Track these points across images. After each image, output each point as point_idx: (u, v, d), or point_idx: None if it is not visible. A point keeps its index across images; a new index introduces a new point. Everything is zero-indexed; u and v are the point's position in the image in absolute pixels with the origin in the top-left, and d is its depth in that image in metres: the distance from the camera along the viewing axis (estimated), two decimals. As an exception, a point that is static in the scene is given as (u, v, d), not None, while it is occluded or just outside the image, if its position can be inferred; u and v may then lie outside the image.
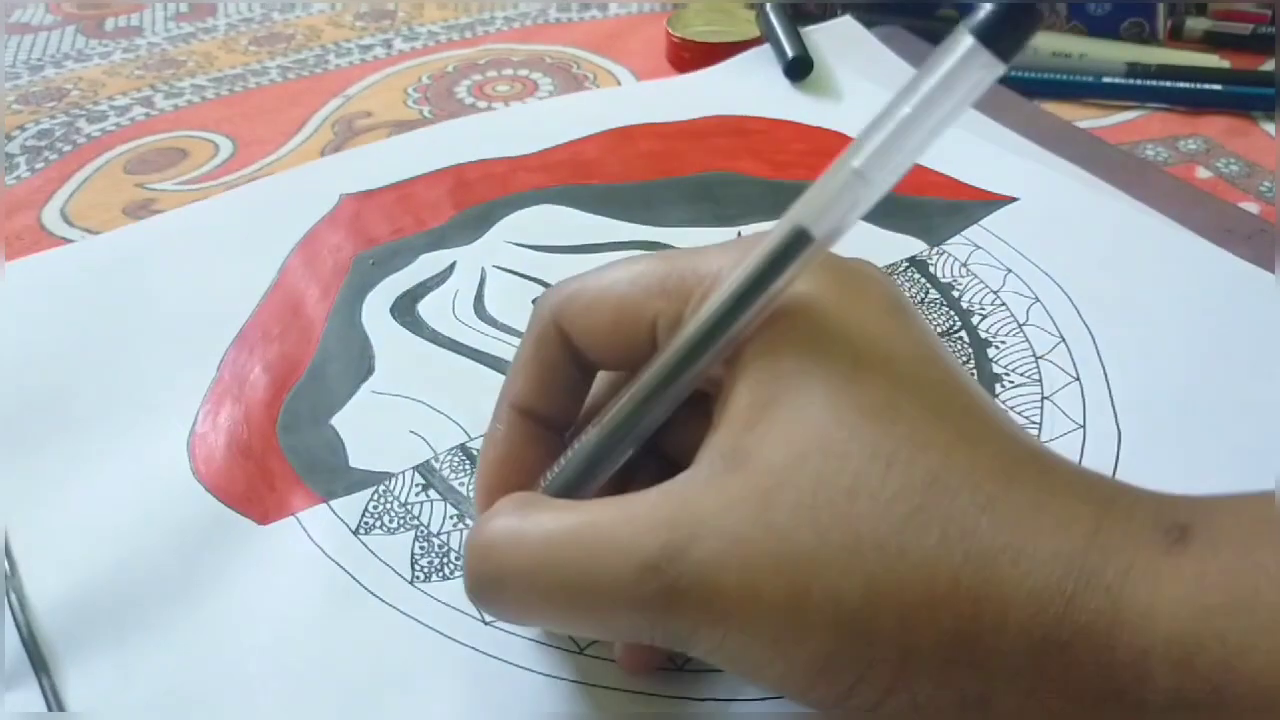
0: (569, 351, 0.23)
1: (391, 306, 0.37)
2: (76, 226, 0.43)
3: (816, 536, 0.17)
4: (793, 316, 0.20)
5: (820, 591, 0.17)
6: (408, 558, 0.28)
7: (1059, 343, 0.34)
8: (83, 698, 0.25)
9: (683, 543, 0.18)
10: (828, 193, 0.19)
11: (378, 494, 0.29)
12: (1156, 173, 0.44)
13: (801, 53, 0.50)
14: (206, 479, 0.30)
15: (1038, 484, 0.18)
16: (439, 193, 0.43)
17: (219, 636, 0.26)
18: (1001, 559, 0.17)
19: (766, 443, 0.19)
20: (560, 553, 0.19)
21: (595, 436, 0.22)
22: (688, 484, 0.19)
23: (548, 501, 0.21)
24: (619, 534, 0.19)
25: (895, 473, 0.18)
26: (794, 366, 0.19)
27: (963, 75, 0.18)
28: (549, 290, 0.24)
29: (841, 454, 0.18)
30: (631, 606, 0.19)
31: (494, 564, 0.20)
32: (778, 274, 0.19)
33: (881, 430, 0.18)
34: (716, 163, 0.44)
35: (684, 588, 0.18)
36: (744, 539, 0.18)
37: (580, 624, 0.21)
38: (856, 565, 0.17)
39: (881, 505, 0.17)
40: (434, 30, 0.61)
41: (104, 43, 0.61)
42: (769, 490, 0.18)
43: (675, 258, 0.22)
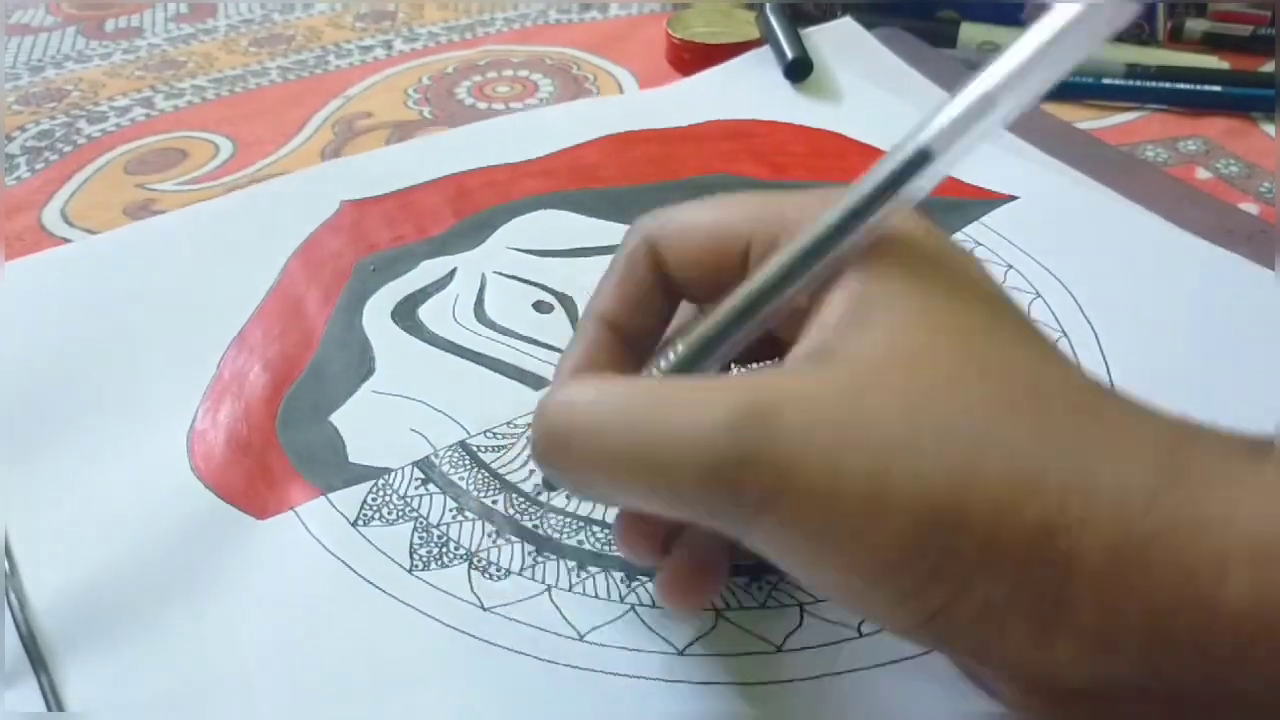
0: (659, 274, 0.23)
1: (392, 311, 0.37)
2: (77, 227, 0.43)
3: (906, 422, 0.17)
4: (890, 244, 0.20)
5: (906, 474, 0.17)
6: (406, 547, 0.28)
7: (1060, 338, 0.34)
8: (82, 696, 0.24)
9: (764, 410, 0.18)
10: (954, 115, 0.19)
11: (377, 487, 0.29)
12: (1156, 174, 0.44)
13: (801, 54, 0.50)
14: (206, 475, 0.30)
15: (1125, 404, 0.18)
16: (440, 200, 0.43)
17: (219, 633, 0.26)
18: (1091, 454, 0.17)
19: (858, 342, 0.19)
20: (634, 412, 0.19)
21: (707, 323, 0.21)
22: (772, 370, 0.19)
23: (624, 377, 0.21)
24: (698, 395, 0.18)
25: (991, 377, 0.18)
26: (892, 283, 0.19)
27: (1097, 11, 0.18)
28: (643, 217, 0.24)
29: (935, 356, 0.18)
30: (703, 469, 0.18)
31: (565, 420, 0.20)
32: (898, 187, 0.19)
33: (979, 345, 0.18)
34: (717, 165, 0.44)
35: (761, 454, 0.17)
36: (829, 417, 0.17)
37: (644, 490, 0.19)
38: (945, 451, 0.17)
39: (976, 399, 0.17)
40: (434, 31, 0.61)
41: (104, 44, 0.61)
42: (859, 377, 0.18)
43: (771, 194, 0.22)
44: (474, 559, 0.27)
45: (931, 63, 0.51)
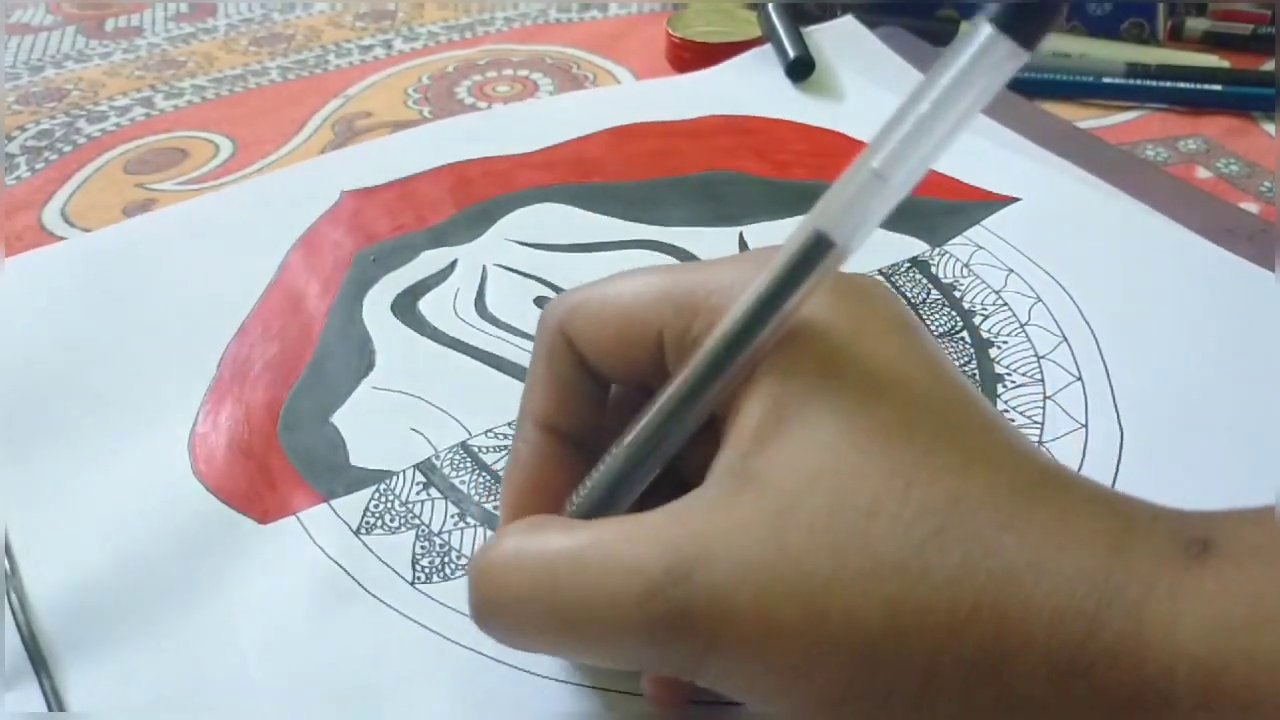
0: (580, 364, 0.22)
1: (392, 304, 0.37)
2: (77, 227, 0.43)
3: (833, 558, 0.17)
4: (803, 336, 0.19)
5: (839, 615, 0.17)
6: (409, 558, 0.28)
7: (1061, 342, 0.34)
8: (83, 697, 0.24)
9: (689, 564, 0.17)
10: (846, 196, 0.18)
11: (379, 493, 0.29)
12: (1157, 173, 0.44)
13: (803, 53, 0.50)
14: (207, 478, 0.30)
15: (1057, 502, 0.17)
16: (440, 190, 0.42)
17: (219, 636, 0.26)
18: (1025, 577, 0.16)
19: (777, 463, 0.18)
20: (560, 575, 0.19)
21: (617, 459, 0.21)
22: (693, 504, 0.19)
23: (559, 522, 0.21)
24: (620, 554, 0.18)
25: (914, 492, 0.17)
26: (805, 386, 0.19)
27: (983, 66, 0.17)
28: (554, 300, 0.23)
29: (857, 474, 0.17)
30: (635, 631, 0.18)
31: (494, 585, 0.20)
32: (799, 282, 0.19)
33: (898, 451, 0.18)
34: (718, 162, 0.44)
35: (691, 611, 0.17)
36: (755, 561, 0.17)
37: (583, 650, 0.20)
38: (876, 588, 0.17)
39: (902, 526, 0.17)
40: (434, 31, 0.61)
41: (104, 43, 0.61)
42: (781, 511, 0.17)
43: (681, 270, 0.22)
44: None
45: (932, 62, 0.51)
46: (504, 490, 0.24)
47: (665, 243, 0.39)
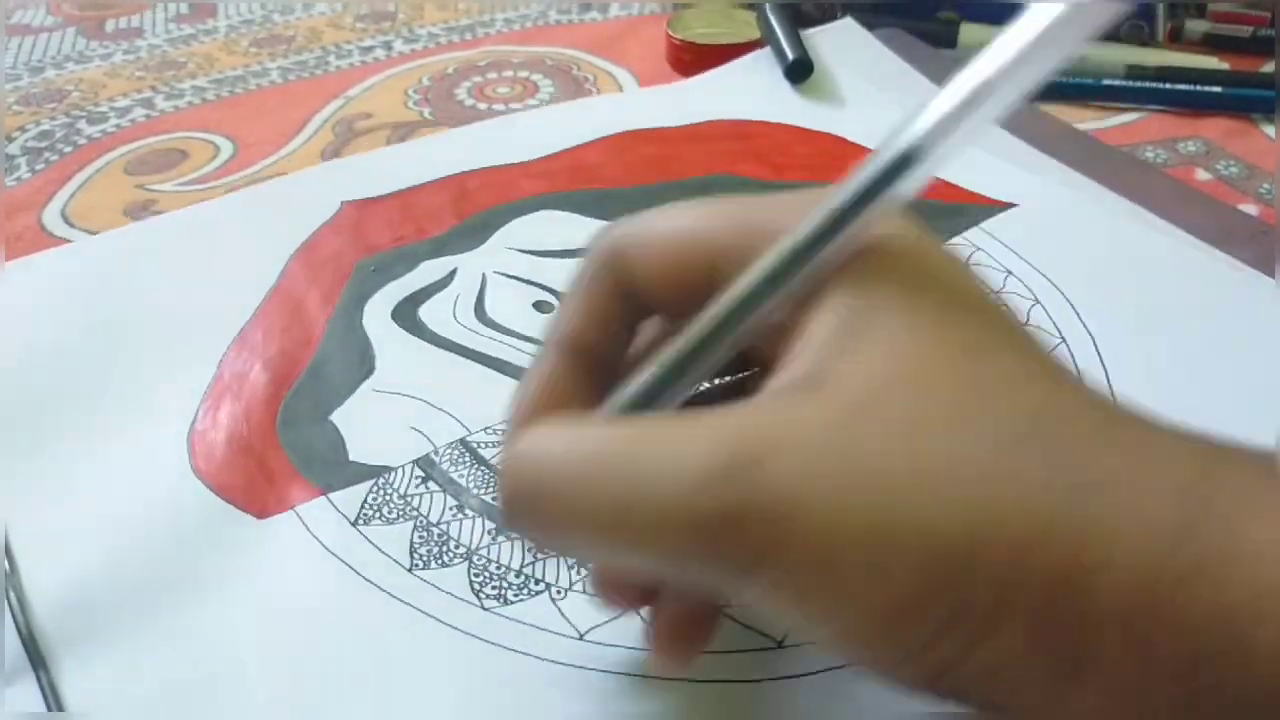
0: (624, 287, 0.21)
1: (393, 311, 0.37)
2: (77, 227, 0.43)
3: (911, 460, 0.16)
4: (877, 252, 0.18)
5: (913, 519, 0.15)
6: (406, 546, 0.28)
7: (1059, 344, 0.34)
8: (82, 696, 0.24)
9: (754, 457, 0.16)
10: (937, 115, 0.18)
11: (377, 486, 0.30)
12: (1156, 175, 0.44)
13: (802, 55, 0.50)
14: (206, 475, 0.30)
15: (1139, 426, 0.17)
16: (441, 201, 0.43)
17: (219, 632, 0.26)
18: (1110, 490, 0.15)
19: (852, 366, 0.17)
20: (608, 462, 0.17)
21: (670, 356, 0.20)
22: (760, 403, 0.17)
23: (595, 418, 0.19)
24: (677, 442, 0.17)
25: (999, 402, 0.16)
26: (882, 300, 0.18)
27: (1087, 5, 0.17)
28: (608, 226, 0.22)
29: (938, 380, 0.17)
30: (687, 527, 0.16)
31: (533, 473, 0.18)
32: (880, 193, 0.18)
33: (980, 364, 0.17)
34: (718, 166, 0.44)
35: (752, 506, 0.16)
36: (827, 457, 0.16)
37: (624, 547, 0.18)
38: (955, 492, 0.16)
39: (985, 431, 0.16)
40: (434, 32, 0.61)
41: (104, 44, 0.61)
42: (857, 409, 0.16)
43: (747, 199, 0.21)
44: (474, 557, 0.27)
45: (932, 64, 0.51)
46: (515, 399, 0.22)
47: (665, 243, 0.39)
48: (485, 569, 0.27)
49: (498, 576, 0.27)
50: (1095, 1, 0.17)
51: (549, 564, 0.27)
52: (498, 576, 0.27)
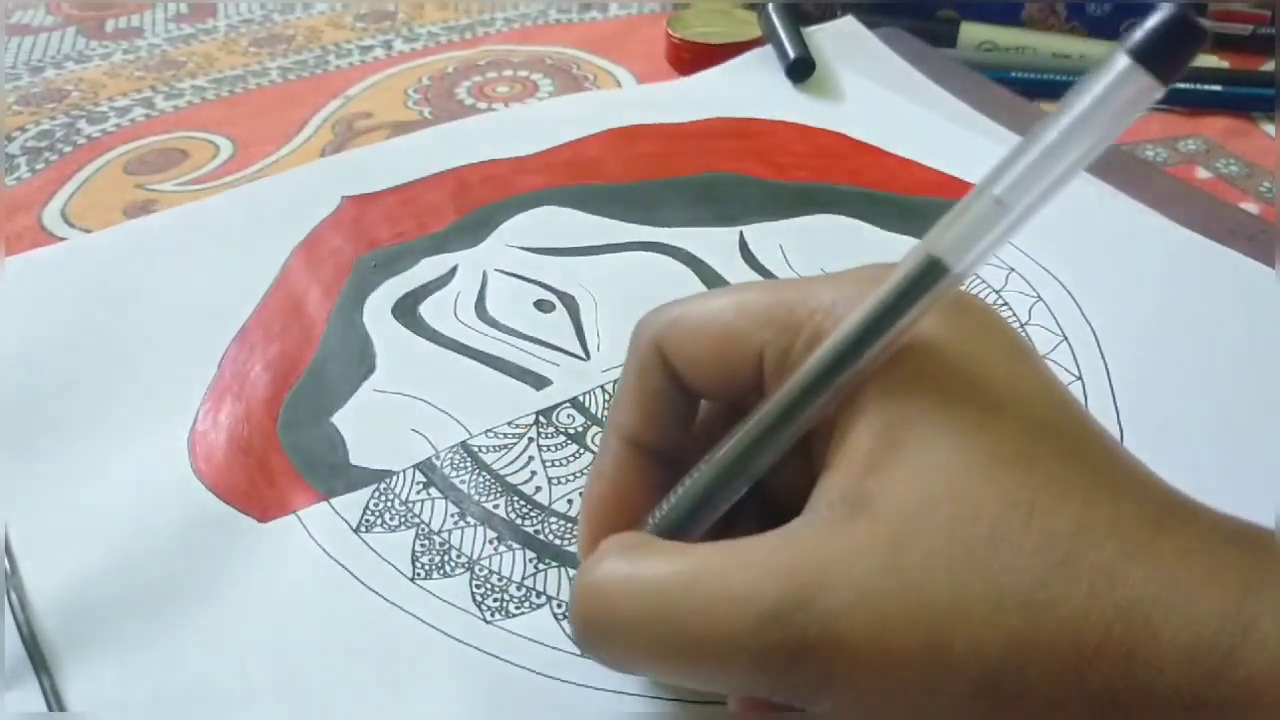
0: (672, 379, 0.22)
1: (393, 308, 0.37)
2: (77, 227, 0.43)
3: (955, 588, 0.16)
4: (915, 356, 0.19)
5: (961, 646, 0.16)
6: (408, 555, 0.28)
7: (1061, 341, 0.34)
8: (83, 697, 0.24)
9: (807, 591, 0.17)
10: (966, 222, 0.18)
11: (378, 492, 0.29)
12: (1157, 173, 0.44)
13: (804, 54, 0.50)
14: (207, 477, 0.30)
15: (1184, 532, 0.17)
16: (441, 196, 0.42)
17: (219, 634, 0.26)
18: (1154, 611, 0.16)
19: (893, 488, 0.18)
20: (674, 601, 0.18)
21: (706, 475, 0.21)
22: (807, 529, 0.18)
23: (657, 544, 0.20)
24: (735, 581, 0.18)
25: (1036, 522, 0.17)
26: (919, 409, 0.18)
27: (1116, 99, 0.17)
28: (648, 315, 0.23)
29: (977, 501, 0.17)
30: (751, 659, 0.17)
31: (604, 610, 0.20)
32: (909, 307, 0.18)
33: (1018, 478, 0.17)
34: (718, 163, 0.44)
35: (810, 640, 0.17)
36: (875, 589, 0.17)
37: (693, 675, 0.19)
38: (1000, 619, 0.16)
39: (1025, 556, 0.16)
40: (434, 31, 0.61)
41: (104, 44, 0.61)
42: (899, 537, 0.17)
43: (782, 287, 0.21)
44: (475, 567, 0.27)
45: (933, 63, 0.51)
46: (585, 502, 0.23)
47: (666, 244, 0.39)
48: (487, 580, 0.27)
49: (499, 588, 0.27)
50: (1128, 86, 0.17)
51: (550, 576, 0.27)
52: (499, 588, 0.27)
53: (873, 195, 0.42)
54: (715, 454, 0.21)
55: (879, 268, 0.19)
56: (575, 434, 0.31)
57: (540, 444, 0.31)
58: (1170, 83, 0.16)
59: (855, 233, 0.40)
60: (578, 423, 0.32)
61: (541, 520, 0.29)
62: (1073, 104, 0.17)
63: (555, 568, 0.27)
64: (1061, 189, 0.17)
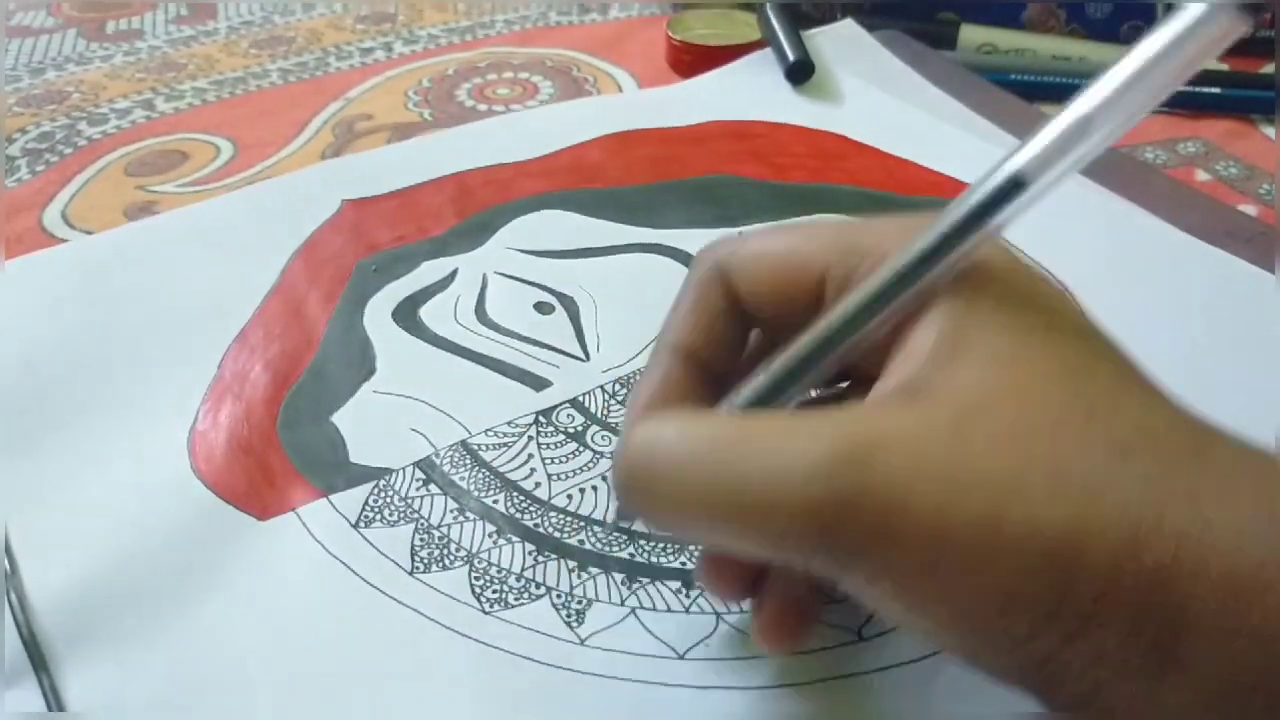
0: (731, 300, 0.22)
1: (393, 311, 0.37)
2: (77, 229, 0.43)
3: (1015, 464, 0.17)
4: (981, 271, 0.19)
5: (1018, 520, 0.16)
6: (408, 549, 0.28)
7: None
8: (83, 697, 0.24)
9: (865, 450, 0.17)
10: (1048, 141, 0.18)
11: (378, 488, 0.29)
12: (1156, 175, 0.44)
13: (803, 56, 0.50)
14: (207, 476, 0.30)
15: (1232, 444, 0.18)
16: (441, 200, 0.43)
17: (219, 633, 0.26)
18: (1208, 500, 0.16)
19: (958, 377, 0.18)
20: (724, 451, 0.18)
21: (782, 363, 0.21)
22: (868, 406, 0.19)
23: (710, 413, 0.21)
24: (792, 433, 0.18)
25: (1099, 418, 0.17)
26: (986, 314, 0.19)
27: (1202, 30, 0.17)
28: (710, 243, 0.23)
29: (1042, 394, 0.17)
30: (800, 511, 0.17)
31: (646, 459, 0.19)
32: (990, 217, 0.19)
33: (1080, 382, 0.18)
34: (718, 166, 0.44)
35: (864, 494, 0.17)
36: (934, 457, 0.17)
37: (737, 531, 0.19)
38: (1059, 497, 0.16)
39: (1086, 443, 0.17)
40: (434, 33, 0.61)
41: (105, 46, 0.61)
42: (963, 416, 0.17)
43: (848, 223, 0.22)
44: (475, 560, 0.27)
45: (932, 65, 0.51)
46: (631, 400, 0.23)
47: (666, 245, 0.39)
48: (486, 572, 0.27)
49: (499, 580, 0.27)
50: (1213, 18, 0.17)
51: (550, 568, 0.27)
52: (499, 580, 0.27)
53: (872, 196, 0.42)
54: (779, 354, 0.21)
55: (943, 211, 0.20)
56: (575, 433, 0.31)
57: (540, 442, 0.31)
58: (1257, 16, 0.17)
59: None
60: (577, 422, 0.32)
61: (541, 514, 0.29)
62: (1160, 34, 0.17)
63: (555, 560, 0.27)
64: (1141, 117, 0.18)
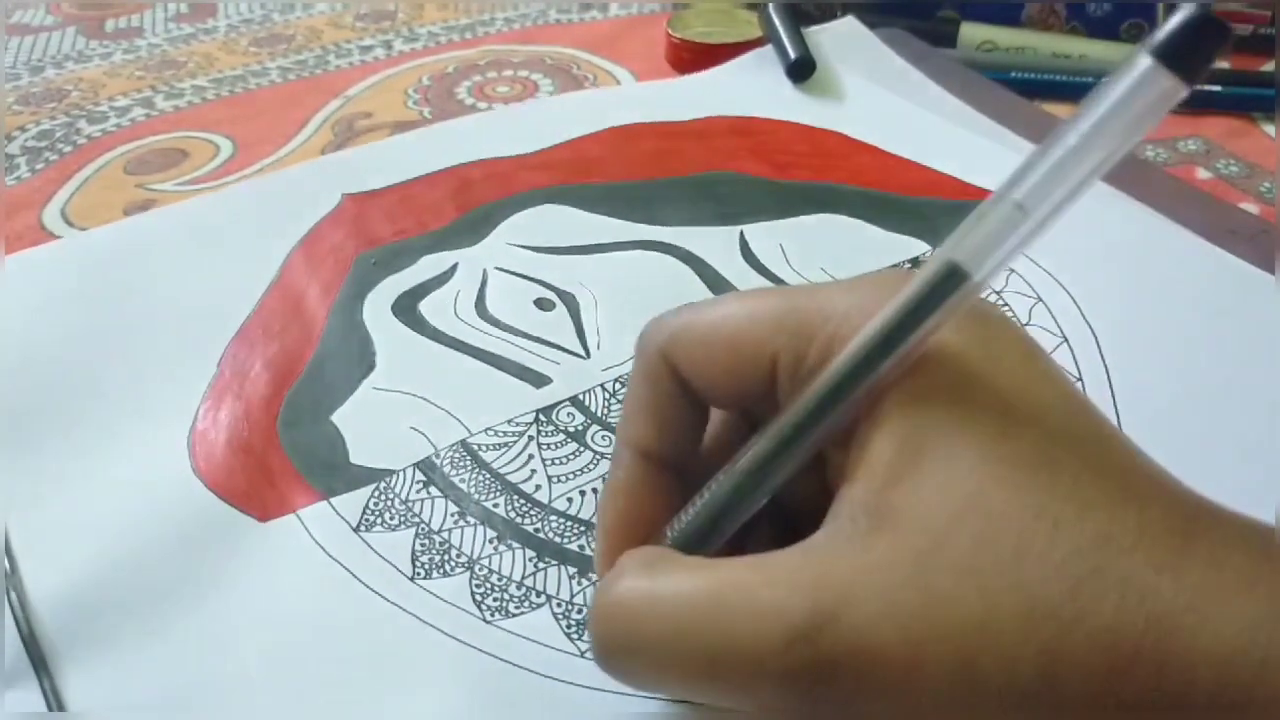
0: (682, 388, 0.22)
1: (393, 305, 0.37)
2: (77, 227, 0.43)
3: (983, 602, 0.16)
4: (934, 364, 0.19)
5: (991, 662, 0.16)
6: (408, 555, 0.28)
7: (1061, 343, 0.34)
8: (83, 697, 0.24)
9: (833, 607, 0.17)
10: (986, 228, 0.18)
11: (378, 491, 0.29)
12: (1157, 174, 0.44)
13: (804, 54, 0.50)
14: (207, 476, 0.30)
15: (1212, 539, 0.16)
16: (441, 194, 0.42)
17: (219, 635, 0.26)
18: (1185, 623, 0.15)
19: (916, 499, 0.17)
20: (697, 618, 0.18)
21: (725, 487, 0.21)
22: (830, 543, 0.18)
23: (677, 559, 0.20)
24: (761, 598, 0.18)
25: (1063, 533, 0.16)
26: (940, 418, 0.18)
27: (1139, 100, 0.16)
28: (654, 323, 0.23)
29: (1001, 513, 0.17)
30: (779, 678, 0.17)
31: (624, 628, 0.19)
32: (929, 314, 0.18)
33: (1043, 487, 0.17)
34: (718, 162, 0.44)
35: (838, 657, 0.17)
36: (902, 604, 0.17)
37: (718, 694, 0.19)
38: (1030, 633, 0.16)
39: (1053, 568, 0.16)
40: (434, 31, 0.61)
41: (104, 44, 0.61)
42: (925, 551, 0.17)
43: (794, 294, 0.21)
44: (475, 567, 0.27)
45: (933, 63, 0.51)
46: (601, 517, 0.23)
47: (666, 242, 0.39)
48: (487, 579, 0.27)
49: (499, 588, 0.27)
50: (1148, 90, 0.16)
51: (550, 575, 0.27)
52: (499, 588, 0.27)
53: (873, 195, 0.42)
54: (734, 466, 0.21)
55: (892, 274, 0.19)
56: (575, 432, 0.31)
57: (540, 442, 0.31)
58: (1195, 83, 0.16)
59: (856, 232, 0.40)
60: (577, 421, 0.32)
61: (542, 519, 0.29)
62: (1094, 107, 0.16)
63: (555, 566, 0.27)
64: (1082, 194, 0.17)
